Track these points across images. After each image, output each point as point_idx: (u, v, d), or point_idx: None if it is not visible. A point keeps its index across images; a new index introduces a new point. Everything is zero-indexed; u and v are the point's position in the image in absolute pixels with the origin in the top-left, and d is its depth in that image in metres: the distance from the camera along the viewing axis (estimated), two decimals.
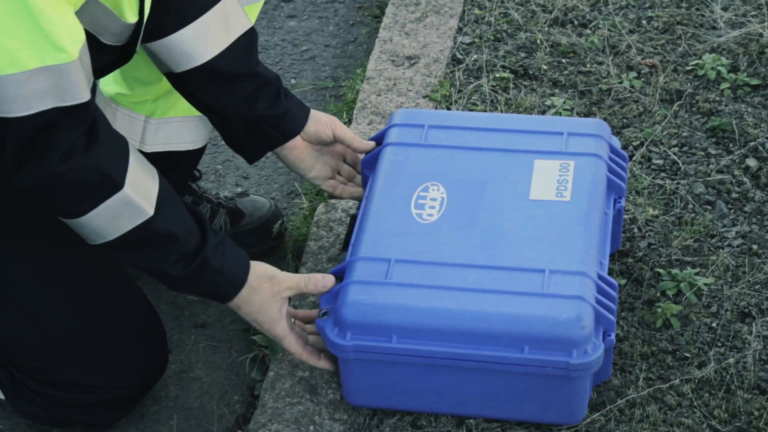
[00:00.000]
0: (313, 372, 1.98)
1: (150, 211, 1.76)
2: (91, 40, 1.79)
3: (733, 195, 2.33)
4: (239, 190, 2.49)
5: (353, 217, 2.07)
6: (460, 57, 2.71)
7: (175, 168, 2.21)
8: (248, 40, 2.00)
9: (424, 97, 2.59)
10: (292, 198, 2.48)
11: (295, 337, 1.89)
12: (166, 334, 2.02)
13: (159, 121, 2.14)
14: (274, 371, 2.01)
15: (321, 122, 2.09)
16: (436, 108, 2.55)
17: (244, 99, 2.00)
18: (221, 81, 1.98)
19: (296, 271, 2.21)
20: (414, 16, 2.83)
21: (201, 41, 1.94)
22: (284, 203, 2.47)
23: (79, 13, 1.72)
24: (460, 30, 2.80)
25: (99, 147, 1.70)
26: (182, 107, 2.13)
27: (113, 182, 1.72)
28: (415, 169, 2.02)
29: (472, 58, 2.70)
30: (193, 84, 1.99)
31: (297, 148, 2.08)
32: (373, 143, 2.11)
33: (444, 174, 2.01)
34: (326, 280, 1.88)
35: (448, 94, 2.57)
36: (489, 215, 1.93)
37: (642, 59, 2.69)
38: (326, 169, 2.14)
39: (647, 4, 2.86)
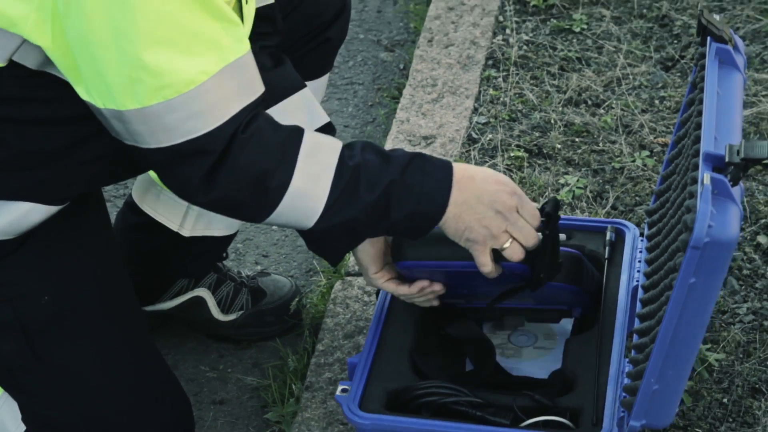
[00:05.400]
0: None
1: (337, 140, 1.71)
2: None
3: (744, 272, 2.36)
4: (259, 268, 2.54)
5: None
6: (476, 136, 2.77)
7: (207, 251, 2.25)
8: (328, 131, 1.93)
9: None
10: (311, 276, 2.53)
11: None
12: (191, 408, 2.04)
13: (200, 209, 2.13)
14: None
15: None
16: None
17: None
18: None
19: (313, 349, 2.25)
20: (431, 97, 2.90)
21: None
22: (303, 280, 2.52)
23: None
24: (475, 110, 2.85)
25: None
26: None
27: (296, 128, 1.68)
28: None
29: (488, 138, 2.75)
30: None
31: (375, 243, 1.90)
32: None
33: None
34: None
35: None
36: None
37: (654, 138, 2.73)
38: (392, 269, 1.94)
39: (660, 85, 2.92)
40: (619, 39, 3.08)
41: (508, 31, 3.12)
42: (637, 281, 1.94)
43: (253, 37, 1.84)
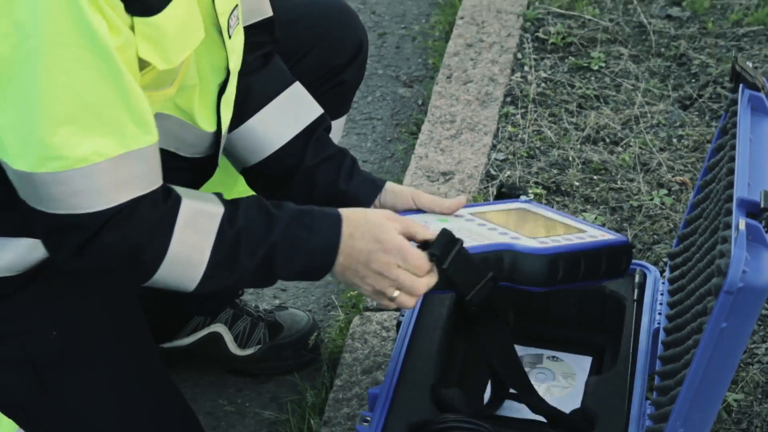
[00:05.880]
0: None
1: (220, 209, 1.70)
2: (169, 156, 1.80)
3: (763, 312, 2.36)
4: (277, 302, 2.54)
5: None
6: (494, 173, 2.77)
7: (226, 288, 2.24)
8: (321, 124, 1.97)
9: None
10: (329, 310, 2.53)
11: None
12: None
13: None
14: None
15: (401, 195, 1.95)
16: None
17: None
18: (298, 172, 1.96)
19: (331, 384, 2.25)
20: (449, 133, 2.91)
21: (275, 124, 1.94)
22: (321, 315, 2.52)
23: None
24: (494, 147, 2.86)
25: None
26: None
27: (174, 201, 1.67)
28: None
29: (506, 174, 2.76)
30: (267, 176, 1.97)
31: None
32: (463, 199, 1.94)
33: None
34: (434, 232, 1.74)
35: None
36: None
37: (672, 177, 2.74)
38: None
39: (677, 123, 2.93)
40: (637, 77, 3.09)
41: (526, 68, 3.14)
42: (659, 323, 1.94)
43: (249, 48, 1.86)
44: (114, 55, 1.55)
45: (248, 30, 1.94)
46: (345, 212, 1.75)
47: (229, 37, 1.78)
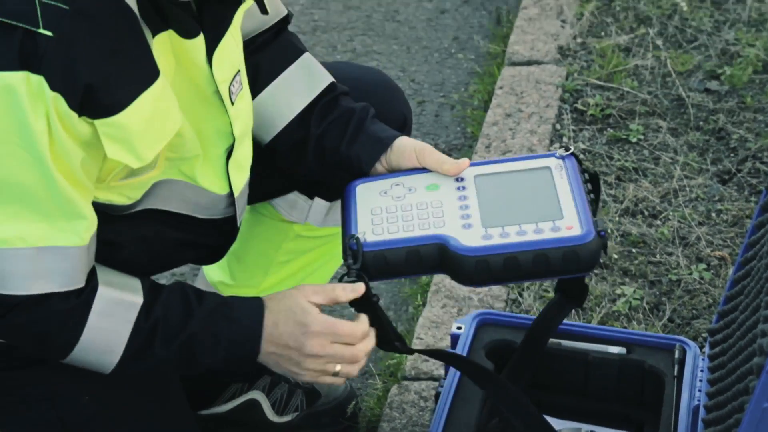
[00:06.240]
0: None
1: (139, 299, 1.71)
2: (187, 219, 1.81)
3: None
4: None
5: None
6: None
7: None
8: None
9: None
10: (366, 378, 2.54)
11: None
12: None
13: None
14: None
15: (405, 152, 1.90)
16: (507, 295, 2.61)
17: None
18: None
19: None
20: None
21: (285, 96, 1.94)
22: (358, 383, 2.52)
23: (159, 192, 1.75)
24: None
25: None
26: None
27: (90, 291, 1.68)
28: None
29: None
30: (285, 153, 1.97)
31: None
32: (466, 162, 1.88)
33: None
34: (357, 286, 1.74)
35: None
36: None
37: (711, 251, 2.74)
38: None
39: (716, 198, 2.93)
40: (676, 150, 3.10)
41: (565, 139, 3.16)
42: (699, 401, 1.94)
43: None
44: (46, 158, 1.54)
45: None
46: (268, 301, 1.76)
47: (232, 103, 1.78)
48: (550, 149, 3.10)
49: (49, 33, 1.50)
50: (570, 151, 1.89)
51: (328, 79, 1.97)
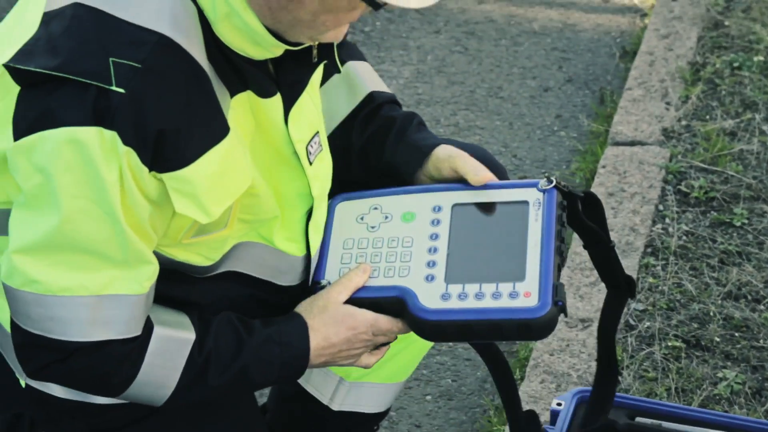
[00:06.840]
0: None
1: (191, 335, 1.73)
2: (267, 286, 1.83)
3: None
4: None
5: None
6: (633, 323, 2.77)
7: (357, 426, 2.20)
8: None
9: (596, 360, 2.63)
10: None
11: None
12: None
13: (352, 384, 2.12)
14: None
15: (441, 161, 1.91)
16: None
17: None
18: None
19: None
20: (589, 280, 2.92)
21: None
22: None
23: (238, 254, 1.76)
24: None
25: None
26: (378, 374, 2.11)
27: (146, 331, 1.71)
28: None
29: (645, 325, 2.75)
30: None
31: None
32: (489, 176, 1.88)
33: None
34: (366, 266, 1.84)
35: (620, 359, 2.62)
36: None
37: None
38: None
39: None
40: None
41: (667, 220, 3.14)
42: None
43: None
44: (117, 211, 1.58)
45: None
46: (305, 315, 1.80)
47: (310, 164, 1.78)
48: (651, 230, 3.09)
49: (121, 90, 1.54)
50: (552, 184, 1.84)
51: (366, 89, 1.99)
